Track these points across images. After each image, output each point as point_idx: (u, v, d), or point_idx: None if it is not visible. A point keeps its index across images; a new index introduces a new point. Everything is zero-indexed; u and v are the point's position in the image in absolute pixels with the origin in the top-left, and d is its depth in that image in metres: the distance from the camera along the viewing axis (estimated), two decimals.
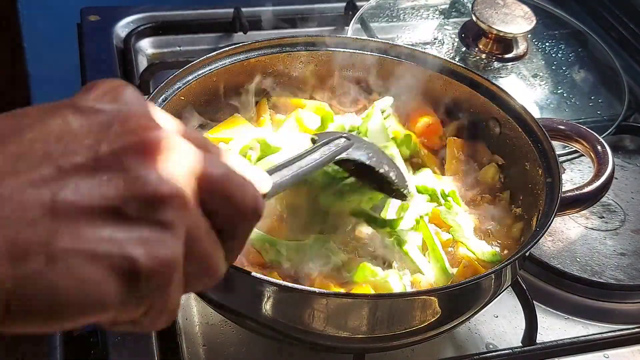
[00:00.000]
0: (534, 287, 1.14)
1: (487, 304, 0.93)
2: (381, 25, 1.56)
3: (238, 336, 1.02)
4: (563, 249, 1.21)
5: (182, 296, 0.53)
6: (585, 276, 1.15)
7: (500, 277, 0.91)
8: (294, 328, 0.87)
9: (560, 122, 1.09)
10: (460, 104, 1.15)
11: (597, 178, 1.01)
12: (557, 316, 1.12)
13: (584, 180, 1.09)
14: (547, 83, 1.47)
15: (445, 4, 1.62)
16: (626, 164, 1.41)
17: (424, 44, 1.49)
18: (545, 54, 1.53)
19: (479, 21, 1.41)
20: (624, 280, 1.17)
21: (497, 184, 1.11)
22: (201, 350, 1.01)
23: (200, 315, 1.05)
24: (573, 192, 1.00)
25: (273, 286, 0.84)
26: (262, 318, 0.88)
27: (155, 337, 1.00)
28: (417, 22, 1.57)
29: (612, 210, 1.30)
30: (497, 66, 1.45)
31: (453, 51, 1.47)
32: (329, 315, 0.84)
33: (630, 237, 1.25)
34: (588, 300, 1.14)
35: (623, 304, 1.15)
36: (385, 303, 0.86)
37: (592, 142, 1.06)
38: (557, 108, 1.44)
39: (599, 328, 1.11)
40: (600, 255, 1.21)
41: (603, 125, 1.40)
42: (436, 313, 0.87)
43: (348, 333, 0.86)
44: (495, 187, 1.11)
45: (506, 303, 1.11)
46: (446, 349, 1.05)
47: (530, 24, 1.42)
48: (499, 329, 1.09)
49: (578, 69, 1.53)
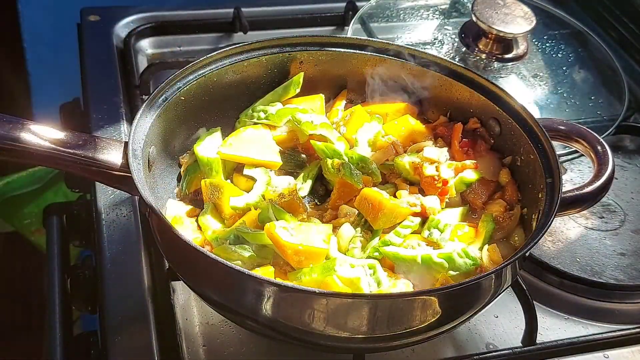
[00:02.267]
0: (534, 287, 1.14)
1: (487, 304, 0.93)
2: (381, 25, 1.56)
3: (238, 336, 1.02)
4: (563, 249, 1.21)
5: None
6: (585, 276, 1.15)
7: (500, 277, 0.91)
8: (294, 328, 0.87)
9: (560, 122, 1.09)
10: (461, 105, 1.16)
11: (597, 178, 1.01)
12: (557, 316, 1.12)
13: (584, 180, 1.09)
14: (547, 83, 1.47)
15: (445, 4, 1.62)
16: (626, 164, 1.41)
17: (424, 44, 1.49)
18: (545, 54, 1.53)
19: (479, 21, 1.41)
20: (624, 280, 1.17)
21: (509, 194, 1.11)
22: (201, 350, 1.01)
23: (200, 315, 1.05)
24: (573, 193, 1.00)
25: (273, 286, 0.84)
26: (262, 318, 0.88)
27: (155, 337, 1.00)
28: (417, 22, 1.57)
29: (612, 210, 1.30)
30: (497, 66, 1.45)
31: (453, 51, 1.47)
32: (329, 315, 0.84)
33: (630, 237, 1.25)
34: (588, 300, 1.14)
35: (623, 304, 1.15)
36: (385, 303, 0.86)
37: (592, 142, 1.06)
38: (557, 108, 1.44)
39: (599, 328, 1.11)
40: (600, 255, 1.21)
41: (603, 125, 1.40)
42: (436, 313, 0.87)
43: (348, 333, 0.86)
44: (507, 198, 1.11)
45: (506, 303, 1.11)
46: (446, 349, 1.05)
47: (530, 24, 1.42)
48: (499, 329, 1.09)
49: (578, 69, 1.53)
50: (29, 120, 0.93)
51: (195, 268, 0.91)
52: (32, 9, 2.08)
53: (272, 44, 1.15)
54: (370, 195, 1.02)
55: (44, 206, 1.35)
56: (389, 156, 1.12)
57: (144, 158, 0.98)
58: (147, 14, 1.62)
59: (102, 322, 1.02)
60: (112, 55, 1.51)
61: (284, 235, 0.94)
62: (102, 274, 1.08)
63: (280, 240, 0.93)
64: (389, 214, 1.01)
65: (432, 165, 1.08)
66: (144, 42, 1.59)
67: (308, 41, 1.17)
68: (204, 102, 1.11)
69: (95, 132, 1.31)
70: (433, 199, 1.06)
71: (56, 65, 2.06)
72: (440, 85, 1.16)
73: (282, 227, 0.95)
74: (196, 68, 1.09)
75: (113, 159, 0.94)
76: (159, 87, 1.03)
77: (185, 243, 0.86)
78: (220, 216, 1.04)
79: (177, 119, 1.08)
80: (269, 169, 1.10)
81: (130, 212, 1.17)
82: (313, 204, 1.11)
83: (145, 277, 1.07)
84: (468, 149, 1.13)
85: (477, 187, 1.09)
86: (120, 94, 1.41)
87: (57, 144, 0.92)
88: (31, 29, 2.12)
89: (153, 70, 1.45)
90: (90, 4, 1.63)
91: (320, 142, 1.11)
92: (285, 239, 0.93)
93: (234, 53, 1.12)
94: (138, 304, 1.04)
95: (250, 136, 1.13)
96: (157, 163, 1.04)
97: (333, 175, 1.07)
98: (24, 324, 2.33)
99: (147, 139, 0.99)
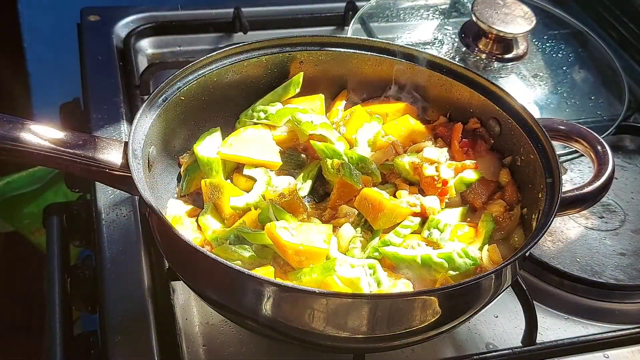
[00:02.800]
0: (534, 287, 1.14)
1: (487, 304, 0.93)
2: (381, 25, 1.56)
3: (238, 336, 1.02)
4: (563, 249, 1.21)
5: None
6: (585, 276, 1.15)
7: (500, 277, 0.91)
8: (294, 328, 0.87)
9: (560, 122, 1.09)
10: (461, 105, 1.16)
11: (597, 178, 1.01)
12: (557, 316, 1.12)
13: (584, 180, 1.09)
14: (547, 83, 1.47)
15: (445, 4, 1.62)
16: (626, 164, 1.41)
17: (424, 44, 1.49)
18: (545, 54, 1.53)
19: (479, 21, 1.41)
20: (624, 280, 1.17)
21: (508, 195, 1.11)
22: (201, 350, 1.01)
23: (200, 315, 1.05)
24: (573, 192, 1.00)
25: (273, 286, 0.84)
26: (262, 318, 0.88)
27: (155, 337, 1.00)
28: (417, 22, 1.57)
29: (612, 210, 1.30)
30: (497, 66, 1.45)
31: (453, 51, 1.47)
32: (329, 315, 0.84)
33: (630, 237, 1.25)
34: (588, 300, 1.14)
35: (623, 304, 1.15)
36: (385, 303, 0.86)
37: (592, 142, 1.06)
38: (557, 108, 1.44)
39: (599, 328, 1.11)
40: (600, 255, 1.21)
41: (603, 125, 1.40)
42: (436, 313, 0.87)
43: (348, 333, 0.86)
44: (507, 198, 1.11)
45: (506, 303, 1.11)
46: (446, 349, 1.05)
47: (530, 24, 1.42)
48: (499, 329, 1.09)
49: (578, 69, 1.53)
50: (29, 120, 0.93)
51: (195, 268, 0.91)
52: (32, 9, 2.08)
53: (272, 44, 1.15)
54: (370, 196, 1.02)
55: (44, 206, 1.35)
56: (389, 156, 1.12)
57: (144, 158, 0.98)
58: (147, 14, 1.62)
59: (102, 322, 1.02)
60: (112, 55, 1.51)
61: (284, 235, 0.94)
62: (102, 274, 1.08)
63: (281, 240, 0.93)
64: (388, 214, 1.01)
65: (432, 166, 1.08)
66: (144, 42, 1.59)
67: (308, 41, 1.17)
68: (204, 102, 1.11)
69: (95, 132, 1.31)
70: (433, 199, 1.06)
71: (56, 65, 2.06)
72: (440, 85, 1.16)
73: (283, 227, 0.95)
74: (196, 68, 1.09)
75: (113, 159, 0.94)
76: (159, 87, 1.03)
77: (185, 243, 0.86)
78: (220, 216, 1.04)
79: (177, 119, 1.08)
80: (269, 169, 1.11)
81: (130, 212, 1.17)
82: (313, 204, 1.11)
83: (145, 277, 1.07)
84: (468, 149, 1.13)
85: (477, 187, 1.09)
86: (120, 94, 1.41)
87: (57, 144, 0.92)
88: (31, 29, 2.12)
89: (153, 70, 1.45)
90: (90, 4, 1.63)
91: (320, 142, 1.11)
92: (286, 239, 0.93)
93: (234, 53, 1.12)
94: (138, 304, 1.04)
95: (250, 136, 1.13)
96: (157, 163, 1.04)
97: (333, 176, 1.08)
98: (24, 324, 2.33)
99: (147, 139, 0.99)
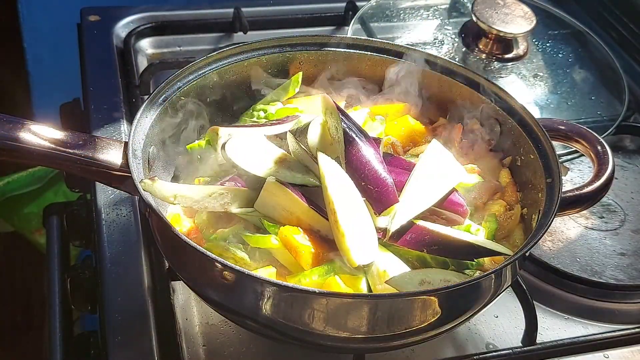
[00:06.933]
0: (534, 287, 1.14)
1: (487, 304, 0.93)
2: (381, 25, 1.56)
3: (238, 336, 1.02)
4: (563, 249, 1.21)
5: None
6: (585, 276, 1.15)
7: (500, 277, 0.91)
8: (294, 328, 0.87)
9: (560, 122, 1.09)
10: (461, 105, 1.15)
11: (597, 178, 1.01)
12: (557, 316, 1.12)
13: (584, 180, 1.09)
14: (547, 83, 1.47)
15: (445, 4, 1.62)
16: (626, 164, 1.41)
17: (424, 44, 1.49)
18: (545, 54, 1.53)
19: (479, 21, 1.41)
20: (624, 280, 1.17)
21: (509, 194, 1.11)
22: (201, 350, 1.01)
23: (200, 315, 1.05)
24: (573, 193, 1.00)
25: (273, 286, 0.84)
26: (262, 318, 0.88)
27: (155, 337, 1.00)
28: (417, 22, 1.57)
29: (612, 210, 1.30)
30: (497, 66, 1.45)
31: (453, 51, 1.47)
32: (329, 315, 0.84)
33: (630, 237, 1.25)
34: (588, 300, 1.14)
35: (623, 304, 1.15)
36: (385, 303, 0.86)
37: (592, 142, 1.06)
38: (557, 108, 1.44)
39: (599, 328, 1.11)
40: (600, 255, 1.21)
41: (603, 125, 1.40)
42: (436, 313, 0.87)
43: (348, 333, 0.86)
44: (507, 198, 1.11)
45: (506, 303, 1.11)
46: (446, 349, 1.05)
47: (530, 24, 1.42)
48: (499, 329, 1.09)
49: (578, 69, 1.53)
50: (29, 120, 0.93)
51: (195, 268, 0.91)
52: (32, 8, 2.08)
53: (272, 44, 1.15)
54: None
55: (44, 206, 1.35)
56: None
57: (144, 158, 0.98)
58: (147, 14, 1.62)
59: (102, 322, 1.02)
60: (112, 55, 1.51)
61: (299, 237, 0.93)
62: (102, 274, 1.08)
63: (294, 242, 0.93)
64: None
65: None
66: (144, 42, 1.59)
67: (308, 41, 1.17)
68: (204, 102, 1.11)
69: (95, 132, 1.31)
70: None
71: (56, 65, 2.06)
72: (440, 86, 1.16)
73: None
74: (196, 68, 1.09)
75: (113, 159, 0.94)
76: (159, 87, 1.04)
77: (186, 243, 0.86)
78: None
79: (177, 118, 1.08)
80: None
81: (130, 212, 1.17)
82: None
83: (145, 277, 1.07)
84: (468, 149, 1.13)
85: (477, 187, 1.09)
86: (120, 94, 1.41)
87: (57, 144, 0.92)
88: (31, 29, 2.13)
89: (153, 70, 1.45)
90: (90, 4, 1.63)
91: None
92: (301, 241, 0.93)
93: (234, 53, 1.12)
94: (138, 304, 1.04)
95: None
96: (157, 163, 1.04)
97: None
98: (24, 324, 2.33)
99: (147, 139, 0.99)
